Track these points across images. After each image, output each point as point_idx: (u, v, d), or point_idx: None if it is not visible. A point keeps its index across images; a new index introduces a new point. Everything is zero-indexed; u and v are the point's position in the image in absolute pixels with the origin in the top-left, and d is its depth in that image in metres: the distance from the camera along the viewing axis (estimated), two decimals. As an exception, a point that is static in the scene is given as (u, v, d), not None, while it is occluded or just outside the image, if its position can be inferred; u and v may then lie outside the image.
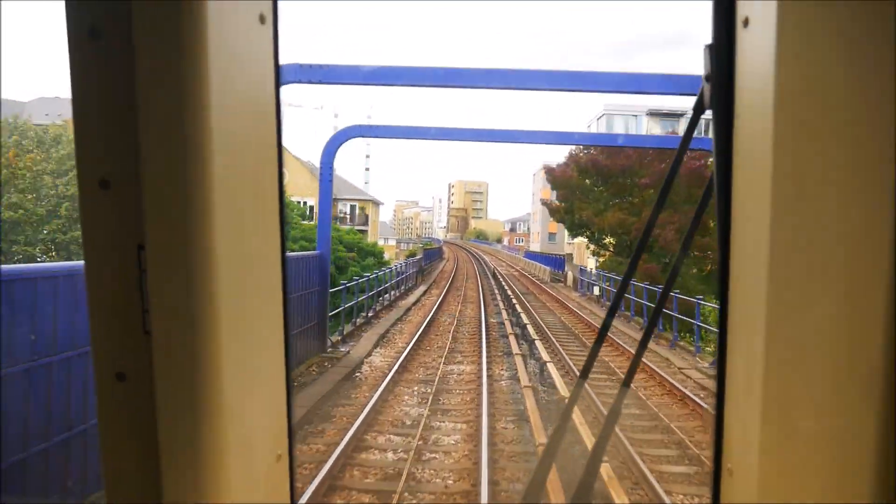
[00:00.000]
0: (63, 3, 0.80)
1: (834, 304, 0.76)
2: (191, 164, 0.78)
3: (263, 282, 0.91)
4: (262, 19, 0.87)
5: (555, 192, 40.46)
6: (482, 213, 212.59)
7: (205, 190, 0.79)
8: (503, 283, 34.84)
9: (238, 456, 0.85)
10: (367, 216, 56.57)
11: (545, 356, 12.63)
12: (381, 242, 51.48)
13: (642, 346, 1.28)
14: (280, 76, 0.91)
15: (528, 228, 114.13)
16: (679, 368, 13.17)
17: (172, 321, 0.81)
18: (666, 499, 6.45)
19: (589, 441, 6.93)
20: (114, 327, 0.84)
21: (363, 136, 15.46)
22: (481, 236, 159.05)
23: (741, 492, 0.83)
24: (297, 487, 4.67)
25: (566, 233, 62.64)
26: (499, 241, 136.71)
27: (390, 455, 7.78)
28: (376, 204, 62.69)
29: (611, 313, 1.41)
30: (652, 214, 1.27)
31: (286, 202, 0.98)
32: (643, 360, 6.18)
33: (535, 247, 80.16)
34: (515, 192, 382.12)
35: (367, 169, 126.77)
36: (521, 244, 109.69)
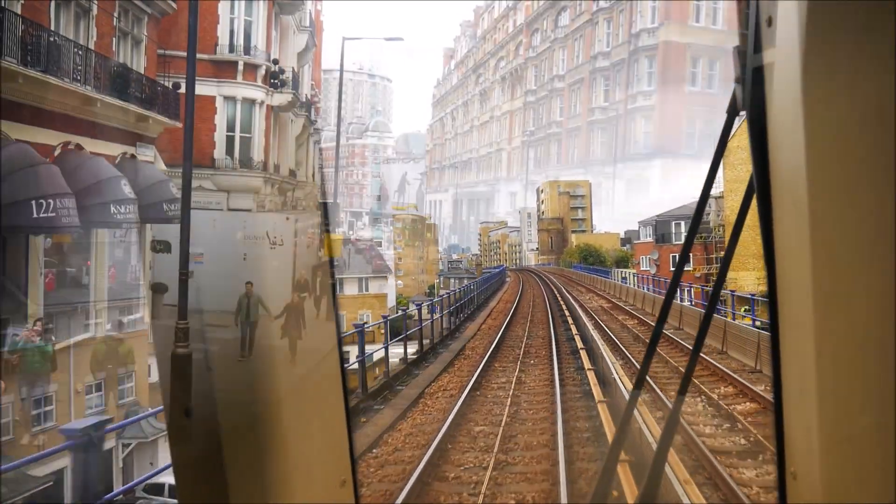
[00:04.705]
0: None
1: (881, 302, 0.75)
2: None
3: (317, 309, 0.93)
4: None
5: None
6: (584, 225, 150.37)
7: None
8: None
9: (302, 484, 0.90)
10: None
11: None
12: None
13: (696, 350, 1.23)
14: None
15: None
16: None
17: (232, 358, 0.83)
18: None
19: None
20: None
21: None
22: (590, 258, 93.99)
23: (806, 494, 0.81)
24: None
25: None
26: (622, 262, 71.59)
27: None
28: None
29: (661, 319, 1.24)
30: (696, 211, 1.20)
31: None
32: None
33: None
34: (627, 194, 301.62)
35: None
36: (686, 269, 46.38)
